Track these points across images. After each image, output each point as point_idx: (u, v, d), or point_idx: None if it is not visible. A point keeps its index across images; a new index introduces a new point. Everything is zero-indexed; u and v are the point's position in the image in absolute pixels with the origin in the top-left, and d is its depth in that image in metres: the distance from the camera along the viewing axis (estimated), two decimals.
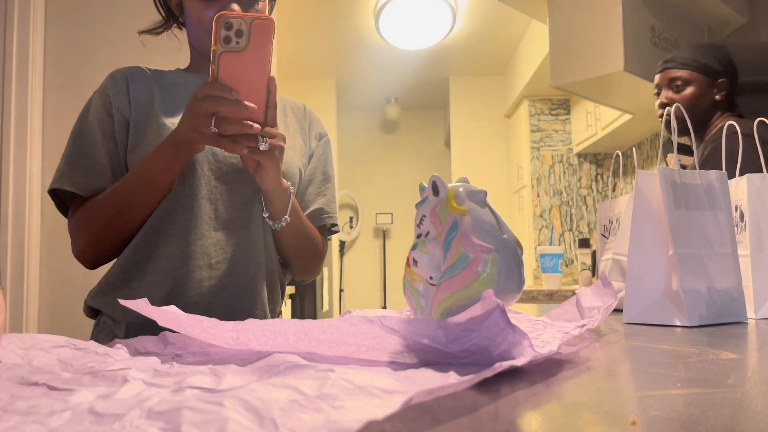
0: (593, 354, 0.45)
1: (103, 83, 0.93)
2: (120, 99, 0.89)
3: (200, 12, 0.87)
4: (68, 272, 1.85)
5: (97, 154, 0.87)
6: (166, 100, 0.90)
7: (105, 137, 0.88)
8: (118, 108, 0.89)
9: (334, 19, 3.58)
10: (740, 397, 0.29)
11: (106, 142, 0.88)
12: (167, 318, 0.45)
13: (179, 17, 0.95)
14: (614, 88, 2.51)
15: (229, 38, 0.68)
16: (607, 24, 2.26)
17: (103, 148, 0.87)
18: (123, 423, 0.23)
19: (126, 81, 0.91)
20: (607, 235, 1.10)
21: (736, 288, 0.72)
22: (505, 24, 3.67)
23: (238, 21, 0.68)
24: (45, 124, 1.92)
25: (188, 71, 0.98)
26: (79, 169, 0.86)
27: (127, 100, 0.90)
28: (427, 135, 5.46)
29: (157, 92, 0.91)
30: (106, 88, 0.91)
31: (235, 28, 0.68)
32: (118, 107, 0.89)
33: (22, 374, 0.34)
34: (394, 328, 0.35)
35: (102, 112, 0.89)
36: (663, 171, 0.71)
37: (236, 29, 0.68)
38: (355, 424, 0.21)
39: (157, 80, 0.93)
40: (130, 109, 0.89)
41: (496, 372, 0.31)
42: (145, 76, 0.92)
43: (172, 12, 0.96)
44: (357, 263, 5.25)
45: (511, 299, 0.45)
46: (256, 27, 0.68)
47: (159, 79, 0.93)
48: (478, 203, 0.45)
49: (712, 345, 0.49)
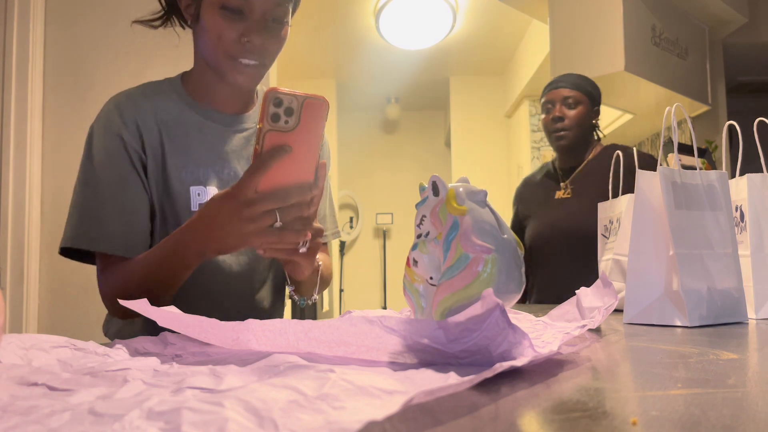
0: (593, 354, 0.45)
1: (113, 122, 0.85)
2: (136, 145, 0.85)
3: (221, 29, 0.80)
4: (68, 272, 1.85)
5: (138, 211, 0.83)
6: (176, 148, 0.86)
7: (137, 190, 0.83)
8: (137, 156, 0.84)
9: (334, 19, 3.58)
10: (741, 397, 0.29)
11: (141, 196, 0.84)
12: (167, 318, 0.45)
13: (188, 20, 0.88)
14: (614, 88, 2.51)
15: (277, 116, 0.62)
16: (607, 24, 2.26)
17: (141, 206, 0.84)
18: (123, 423, 0.23)
19: (136, 124, 0.85)
20: (608, 235, 1.10)
21: (737, 288, 0.72)
22: (505, 24, 3.67)
23: (289, 98, 0.62)
24: (45, 124, 1.92)
25: (189, 88, 0.92)
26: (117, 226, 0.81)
27: (141, 146, 0.85)
28: (427, 135, 5.46)
29: (164, 135, 0.86)
30: (119, 129, 0.85)
31: (285, 106, 0.62)
32: (137, 156, 0.84)
33: (22, 374, 0.34)
34: (394, 328, 0.35)
35: (125, 160, 0.84)
36: (663, 171, 0.71)
37: (286, 107, 0.62)
38: (355, 425, 0.21)
39: (159, 115, 0.87)
40: (146, 157, 0.85)
41: (496, 372, 0.31)
42: (151, 114, 0.87)
43: (174, 6, 0.89)
44: (357, 263, 5.25)
45: (512, 299, 0.45)
46: (308, 106, 0.62)
47: (161, 112, 0.87)
48: (478, 203, 0.45)
49: (713, 345, 0.49)
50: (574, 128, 1.65)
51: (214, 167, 0.88)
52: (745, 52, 2.97)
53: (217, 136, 0.89)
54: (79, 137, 1.91)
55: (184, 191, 0.86)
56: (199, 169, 0.87)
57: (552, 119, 1.68)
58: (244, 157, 0.91)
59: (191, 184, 0.86)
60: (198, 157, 0.87)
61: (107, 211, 0.81)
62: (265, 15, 0.81)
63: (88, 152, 0.85)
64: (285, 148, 0.62)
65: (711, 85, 2.68)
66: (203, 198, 0.86)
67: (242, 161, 0.91)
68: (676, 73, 2.48)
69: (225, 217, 0.66)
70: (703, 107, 2.66)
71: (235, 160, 0.90)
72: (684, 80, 2.53)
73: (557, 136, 1.68)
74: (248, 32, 0.81)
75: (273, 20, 0.82)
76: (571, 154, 1.70)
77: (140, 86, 0.91)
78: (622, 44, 2.20)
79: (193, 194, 0.86)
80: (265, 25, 0.82)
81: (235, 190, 0.64)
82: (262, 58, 0.84)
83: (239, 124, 0.92)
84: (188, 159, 0.86)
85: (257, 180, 0.63)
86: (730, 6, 2.54)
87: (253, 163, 0.63)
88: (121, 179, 0.83)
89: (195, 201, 0.86)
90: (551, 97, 1.70)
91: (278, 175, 0.64)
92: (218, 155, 0.89)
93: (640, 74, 2.27)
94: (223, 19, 0.80)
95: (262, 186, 0.64)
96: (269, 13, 0.81)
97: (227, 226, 0.66)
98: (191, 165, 0.86)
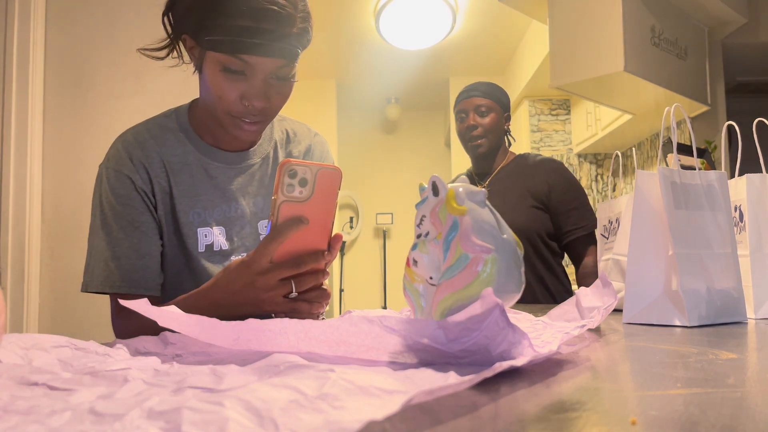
0: (593, 354, 0.45)
1: (123, 164, 0.86)
2: (145, 188, 0.86)
3: (222, 90, 0.78)
4: (68, 272, 1.85)
5: (152, 252, 0.85)
6: (183, 191, 0.87)
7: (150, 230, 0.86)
8: (147, 198, 0.86)
9: (334, 19, 3.58)
10: (740, 397, 0.29)
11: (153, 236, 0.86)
12: (167, 318, 0.45)
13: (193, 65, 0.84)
14: (614, 88, 2.51)
15: (292, 187, 0.62)
16: (607, 24, 2.26)
17: (154, 246, 0.86)
18: (123, 423, 0.23)
19: (145, 168, 0.86)
20: (607, 235, 1.10)
21: (736, 288, 0.72)
22: (505, 24, 3.67)
23: (303, 169, 0.62)
24: (45, 124, 1.92)
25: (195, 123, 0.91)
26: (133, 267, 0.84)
27: (151, 189, 0.86)
28: (427, 135, 5.46)
29: (171, 178, 0.87)
30: (129, 171, 0.86)
31: (299, 177, 0.62)
32: (147, 198, 0.86)
33: (23, 374, 0.34)
34: (394, 328, 0.35)
35: (137, 202, 0.85)
36: (663, 171, 0.71)
37: (300, 178, 0.62)
38: (355, 424, 0.21)
39: (165, 157, 0.88)
40: (155, 200, 0.87)
41: (496, 372, 0.31)
42: (158, 156, 0.87)
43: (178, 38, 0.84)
44: (357, 263, 5.25)
45: (511, 299, 0.45)
46: (322, 176, 0.63)
47: (167, 154, 0.88)
48: (478, 203, 0.45)
49: (712, 345, 0.49)
50: (488, 135, 1.72)
51: (221, 207, 0.90)
52: (744, 53, 2.97)
53: (223, 175, 0.91)
54: (79, 137, 1.91)
55: (192, 233, 0.88)
56: (206, 210, 0.89)
57: (467, 128, 1.75)
58: (249, 193, 0.92)
59: (198, 226, 0.88)
60: (205, 198, 0.89)
61: (123, 254, 0.84)
62: (267, 77, 0.79)
63: (99, 195, 0.87)
64: (301, 219, 0.63)
65: (710, 85, 2.68)
66: (210, 239, 0.88)
67: (248, 197, 0.92)
68: (675, 73, 2.48)
69: (240, 285, 0.67)
70: (702, 107, 2.66)
71: (241, 197, 0.91)
72: (683, 80, 2.53)
73: (473, 145, 1.74)
74: (249, 96, 0.79)
75: (277, 79, 0.80)
76: (487, 161, 1.78)
77: (147, 123, 0.92)
78: (622, 44, 2.20)
79: (200, 236, 0.88)
80: (268, 87, 0.80)
81: (250, 260, 0.66)
82: (264, 117, 0.83)
83: (244, 161, 0.93)
84: (195, 201, 0.88)
85: (272, 251, 0.64)
86: (730, 6, 2.53)
87: (269, 234, 0.64)
88: (133, 220, 0.85)
89: (202, 242, 0.88)
90: (464, 107, 1.76)
91: (292, 244, 0.65)
92: (224, 195, 0.90)
93: (639, 74, 2.27)
94: (223, 79, 0.77)
95: (277, 256, 0.65)
96: (272, 74, 0.79)
97: (242, 294, 0.68)
98: (198, 207, 0.88)
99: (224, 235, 0.89)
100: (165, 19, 0.84)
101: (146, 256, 0.85)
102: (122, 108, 1.91)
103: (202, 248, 0.88)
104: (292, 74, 0.82)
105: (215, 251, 0.88)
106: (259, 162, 0.94)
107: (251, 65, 0.76)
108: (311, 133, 1.04)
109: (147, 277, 0.85)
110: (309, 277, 0.68)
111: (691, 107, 2.66)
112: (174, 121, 0.92)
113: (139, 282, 0.84)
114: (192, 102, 0.95)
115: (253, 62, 0.76)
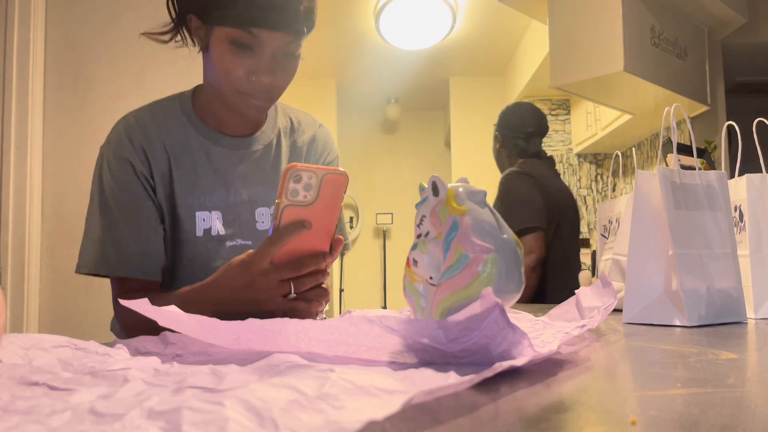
0: (593, 354, 0.45)
1: (123, 147, 0.86)
2: (145, 171, 0.86)
3: (229, 65, 0.78)
4: (68, 272, 1.85)
5: (152, 235, 0.85)
6: (183, 174, 0.87)
7: (150, 214, 0.86)
8: (147, 181, 0.86)
9: (334, 19, 3.58)
10: (740, 397, 0.29)
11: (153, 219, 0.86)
12: (167, 318, 0.45)
13: (198, 47, 0.85)
14: (614, 88, 2.51)
15: (296, 191, 0.62)
16: (607, 24, 2.26)
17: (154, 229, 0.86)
18: (123, 423, 0.23)
19: (145, 151, 0.86)
20: (607, 235, 1.10)
21: (736, 288, 0.72)
22: (505, 24, 3.67)
23: (309, 174, 0.62)
24: (45, 124, 1.92)
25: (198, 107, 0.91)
26: (133, 251, 0.84)
27: (150, 172, 0.86)
28: (427, 135, 5.46)
29: (172, 161, 0.87)
30: (129, 154, 0.86)
31: (304, 182, 0.62)
32: (146, 181, 0.86)
33: (23, 374, 0.34)
34: (394, 328, 0.35)
35: (136, 185, 0.85)
36: (663, 171, 0.71)
37: (306, 183, 0.62)
38: (355, 424, 0.21)
39: (167, 141, 0.88)
40: (155, 183, 0.87)
41: (496, 372, 0.31)
42: (159, 139, 0.88)
43: (185, 19, 0.84)
44: (357, 263, 5.25)
45: (511, 299, 0.45)
46: (327, 181, 0.62)
47: (169, 137, 0.88)
48: (478, 203, 0.45)
49: (712, 345, 0.49)
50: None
51: (219, 193, 0.89)
52: (744, 53, 2.97)
53: (224, 160, 0.90)
54: (79, 137, 1.91)
55: (190, 216, 0.87)
56: (205, 195, 0.88)
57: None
58: (249, 180, 0.91)
59: (197, 210, 0.88)
60: (204, 183, 0.88)
61: (122, 237, 0.84)
62: (275, 52, 0.79)
63: (99, 177, 0.87)
64: (304, 224, 0.63)
65: (710, 85, 2.68)
66: (208, 223, 0.88)
67: (248, 184, 0.91)
68: (675, 73, 2.48)
69: (239, 285, 0.68)
70: (702, 107, 2.66)
71: (241, 185, 0.91)
72: (683, 80, 2.53)
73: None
74: (257, 71, 0.79)
75: (283, 56, 0.80)
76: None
77: (150, 106, 0.92)
78: (622, 45, 2.20)
79: (198, 219, 0.88)
80: (275, 63, 0.80)
81: (250, 260, 0.66)
82: (270, 95, 0.83)
83: (247, 147, 0.92)
84: (195, 185, 0.87)
85: (273, 254, 0.65)
86: (730, 6, 2.53)
87: (271, 236, 0.64)
88: (133, 204, 0.85)
89: (200, 226, 0.88)
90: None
91: (294, 245, 0.65)
92: (224, 180, 0.90)
93: (639, 74, 2.27)
94: (232, 55, 0.77)
95: (278, 257, 0.66)
96: (280, 50, 0.79)
97: (241, 294, 0.68)
98: (198, 191, 0.88)
99: (221, 221, 0.88)
100: (169, 1, 0.84)
101: (145, 240, 0.84)
102: (122, 108, 1.90)
103: (200, 232, 0.87)
104: (298, 52, 0.82)
105: (213, 236, 0.88)
106: (262, 149, 0.94)
107: (260, 39, 0.77)
108: (316, 124, 1.03)
109: (146, 261, 0.84)
110: (309, 278, 0.68)
111: (691, 107, 2.66)
112: (177, 104, 0.92)
113: (138, 266, 0.84)
114: (196, 87, 0.95)
115: (262, 36, 0.76)
